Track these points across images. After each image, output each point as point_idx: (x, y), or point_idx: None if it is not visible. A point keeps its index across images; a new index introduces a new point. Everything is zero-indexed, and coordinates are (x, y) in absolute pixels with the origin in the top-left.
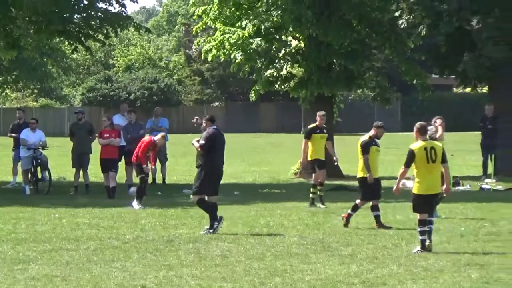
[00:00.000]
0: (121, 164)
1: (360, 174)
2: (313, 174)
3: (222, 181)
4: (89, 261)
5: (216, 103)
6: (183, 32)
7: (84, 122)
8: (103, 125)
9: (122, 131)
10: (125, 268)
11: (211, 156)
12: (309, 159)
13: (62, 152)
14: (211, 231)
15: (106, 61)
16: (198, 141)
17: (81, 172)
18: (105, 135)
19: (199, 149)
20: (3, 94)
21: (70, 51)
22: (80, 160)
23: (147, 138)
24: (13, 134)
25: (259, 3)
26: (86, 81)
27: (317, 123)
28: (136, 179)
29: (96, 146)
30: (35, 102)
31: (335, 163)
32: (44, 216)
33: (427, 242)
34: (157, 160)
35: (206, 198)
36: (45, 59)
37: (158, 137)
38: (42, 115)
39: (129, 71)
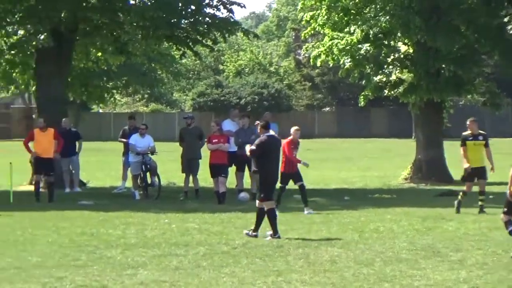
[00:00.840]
0: (231, 169)
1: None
2: (466, 183)
3: (333, 186)
4: (198, 267)
5: (327, 108)
6: (293, 37)
7: (194, 127)
8: (212, 130)
9: (234, 136)
10: (234, 273)
11: (265, 162)
12: (464, 166)
13: (172, 157)
14: (276, 236)
15: (216, 66)
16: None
17: (191, 177)
18: (214, 140)
19: (249, 154)
20: (112, 99)
21: (178, 56)
22: (190, 165)
23: (284, 140)
24: (123, 140)
25: (368, 9)
26: (196, 86)
27: (469, 129)
28: (247, 184)
29: (206, 151)
30: (145, 107)
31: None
32: (153, 221)
33: None
34: None
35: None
36: (153, 65)
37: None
38: (152, 120)
39: (239, 76)
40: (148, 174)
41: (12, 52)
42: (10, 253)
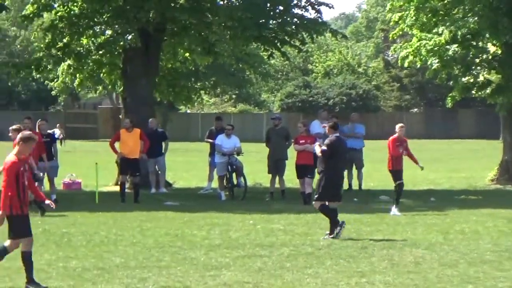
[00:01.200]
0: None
1: None
2: None
3: (419, 188)
4: (282, 268)
5: (415, 109)
6: (382, 38)
7: (281, 128)
8: (299, 131)
9: (323, 137)
10: (318, 274)
11: (333, 163)
12: None
13: (259, 158)
14: (332, 236)
15: (304, 67)
16: (320, 146)
17: (277, 178)
18: (301, 141)
19: (320, 155)
20: (199, 99)
21: (267, 57)
22: (276, 166)
23: (389, 138)
24: (209, 140)
25: (456, 10)
26: (285, 87)
27: None
28: None
29: (292, 152)
30: (233, 108)
31: None
32: (238, 222)
33: None
34: (355, 166)
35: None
36: (241, 65)
37: None
38: (240, 121)
39: (328, 77)
40: (234, 174)
41: (100, 52)
42: (94, 253)
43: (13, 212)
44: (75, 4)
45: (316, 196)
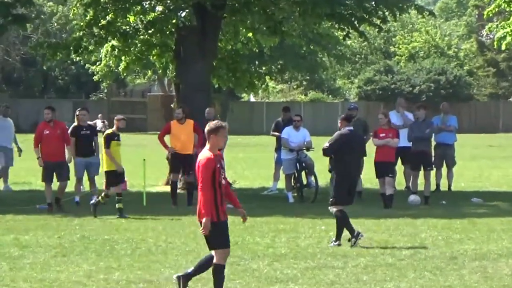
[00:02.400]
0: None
1: None
2: None
3: (491, 189)
4: (357, 281)
5: None
6: (476, 16)
7: (358, 119)
8: (380, 123)
9: (408, 130)
10: None
11: (340, 161)
12: None
13: None
14: (337, 243)
15: (386, 49)
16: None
17: None
18: (381, 135)
19: (322, 154)
20: (264, 86)
21: (342, 37)
22: None
23: None
24: (276, 133)
25: None
26: (363, 72)
27: None
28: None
29: (371, 148)
30: (303, 96)
31: None
32: (308, 228)
33: None
34: (445, 164)
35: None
36: (312, 47)
37: None
38: (311, 111)
39: (413, 61)
40: (303, 173)
41: (149, 31)
42: (141, 264)
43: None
44: None
45: (331, 200)
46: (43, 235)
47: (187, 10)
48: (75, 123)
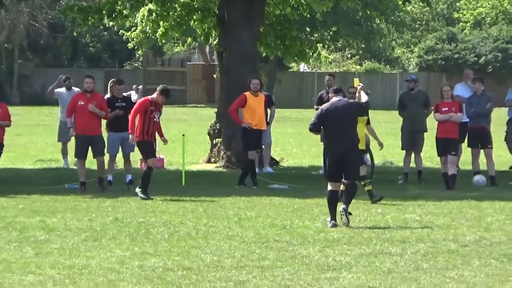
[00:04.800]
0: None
1: None
2: None
3: None
4: (417, 269)
5: None
6: None
7: (418, 91)
8: (445, 96)
9: (465, 104)
10: (462, 278)
11: (328, 135)
12: None
13: (390, 129)
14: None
15: (449, 15)
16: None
17: (412, 155)
18: (444, 109)
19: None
20: (316, 55)
21: (401, 2)
22: (412, 140)
23: None
24: (319, 107)
25: None
26: (424, 40)
27: None
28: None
29: (432, 123)
30: (358, 66)
31: None
32: (363, 210)
33: None
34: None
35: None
36: (369, 12)
37: None
38: (367, 82)
39: (479, 28)
40: None
41: None
42: (179, 249)
43: None
44: None
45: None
46: (72, 217)
47: None
48: (108, 95)
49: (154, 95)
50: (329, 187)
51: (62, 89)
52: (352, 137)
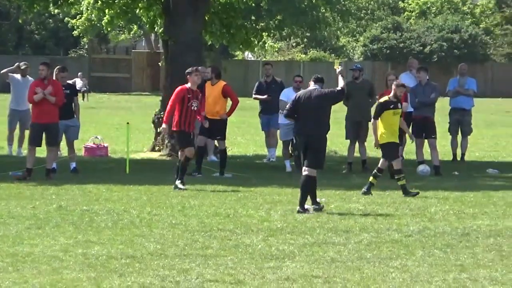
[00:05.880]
0: None
1: None
2: None
3: (508, 159)
4: (360, 258)
5: None
6: None
7: (362, 81)
8: (389, 85)
9: (410, 94)
10: (406, 267)
11: (298, 120)
12: None
13: (334, 119)
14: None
15: (395, 4)
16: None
17: (357, 145)
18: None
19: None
20: (261, 43)
21: None
22: (356, 129)
23: None
24: (258, 96)
25: None
26: (370, 29)
27: None
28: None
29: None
30: (303, 55)
31: None
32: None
33: None
34: (460, 131)
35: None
36: (313, 1)
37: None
38: (311, 71)
39: (424, 17)
40: None
41: None
42: (123, 237)
43: None
44: None
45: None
46: (15, 205)
47: None
48: None
49: (189, 83)
50: (304, 172)
51: (18, 75)
52: (322, 125)
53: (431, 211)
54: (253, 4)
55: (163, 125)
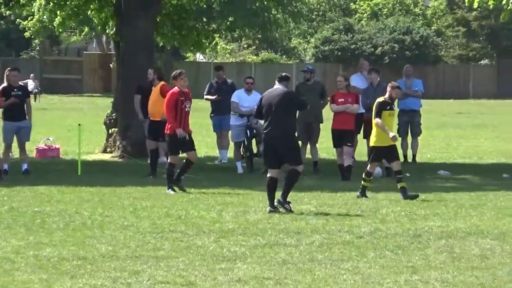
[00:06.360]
0: (360, 137)
1: None
2: None
3: (489, 161)
4: (312, 260)
5: (485, 61)
6: None
7: (314, 82)
8: (339, 86)
9: (361, 95)
10: (357, 269)
11: (265, 121)
12: None
13: None
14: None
15: (346, 5)
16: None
17: (308, 146)
18: (340, 100)
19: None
20: (212, 45)
21: None
22: (307, 131)
23: None
24: (209, 97)
25: None
26: (321, 30)
27: None
28: None
29: (328, 114)
30: (255, 56)
31: None
32: (258, 201)
33: None
34: (410, 132)
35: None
36: (265, 2)
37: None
38: (263, 73)
39: (376, 19)
40: (254, 141)
41: None
42: (74, 239)
43: None
44: None
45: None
46: None
47: None
48: (5, 84)
49: (177, 86)
50: (268, 174)
51: None
52: (286, 125)
53: (382, 213)
54: (205, 6)
55: (178, 130)
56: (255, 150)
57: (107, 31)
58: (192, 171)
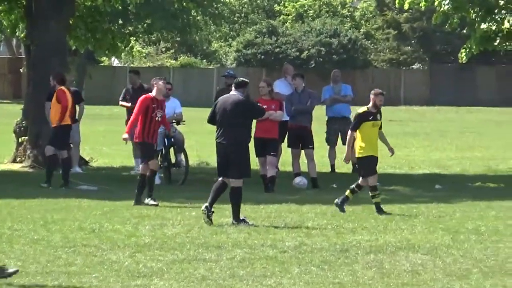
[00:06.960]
0: (284, 145)
1: None
2: None
3: (421, 171)
4: (233, 276)
5: (417, 65)
6: None
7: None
8: (261, 93)
9: (285, 102)
10: (281, 286)
11: (217, 128)
12: None
13: (206, 128)
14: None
15: (270, 7)
16: None
17: None
18: (263, 107)
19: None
20: (128, 48)
21: None
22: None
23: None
24: (124, 103)
25: None
26: (243, 33)
27: None
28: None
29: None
30: (173, 61)
31: None
32: (176, 214)
33: None
34: (341, 140)
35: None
36: (185, 4)
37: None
38: (182, 78)
39: (301, 21)
40: (171, 150)
41: None
42: None
43: None
44: None
45: None
46: None
47: None
48: None
49: (154, 91)
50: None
51: None
52: (237, 133)
53: (308, 226)
54: (120, 8)
55: (125, 135)
56: (173, 160)
57: (17, 33)
58: (107, 182)
